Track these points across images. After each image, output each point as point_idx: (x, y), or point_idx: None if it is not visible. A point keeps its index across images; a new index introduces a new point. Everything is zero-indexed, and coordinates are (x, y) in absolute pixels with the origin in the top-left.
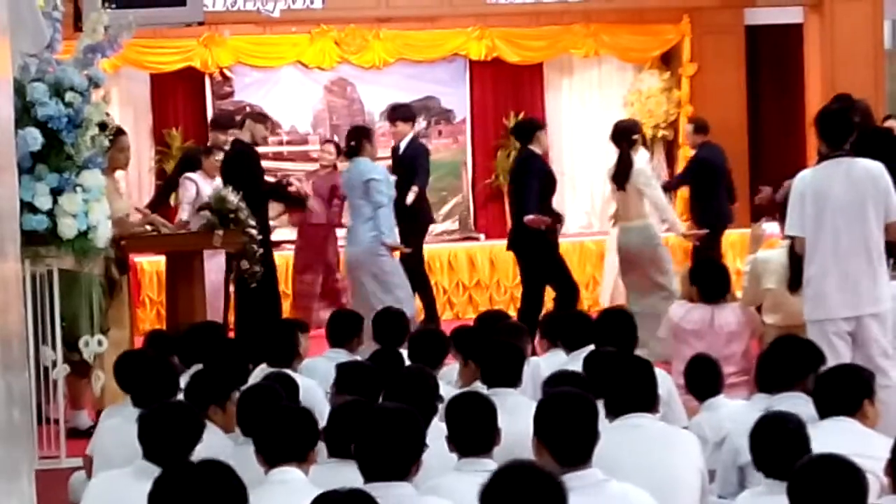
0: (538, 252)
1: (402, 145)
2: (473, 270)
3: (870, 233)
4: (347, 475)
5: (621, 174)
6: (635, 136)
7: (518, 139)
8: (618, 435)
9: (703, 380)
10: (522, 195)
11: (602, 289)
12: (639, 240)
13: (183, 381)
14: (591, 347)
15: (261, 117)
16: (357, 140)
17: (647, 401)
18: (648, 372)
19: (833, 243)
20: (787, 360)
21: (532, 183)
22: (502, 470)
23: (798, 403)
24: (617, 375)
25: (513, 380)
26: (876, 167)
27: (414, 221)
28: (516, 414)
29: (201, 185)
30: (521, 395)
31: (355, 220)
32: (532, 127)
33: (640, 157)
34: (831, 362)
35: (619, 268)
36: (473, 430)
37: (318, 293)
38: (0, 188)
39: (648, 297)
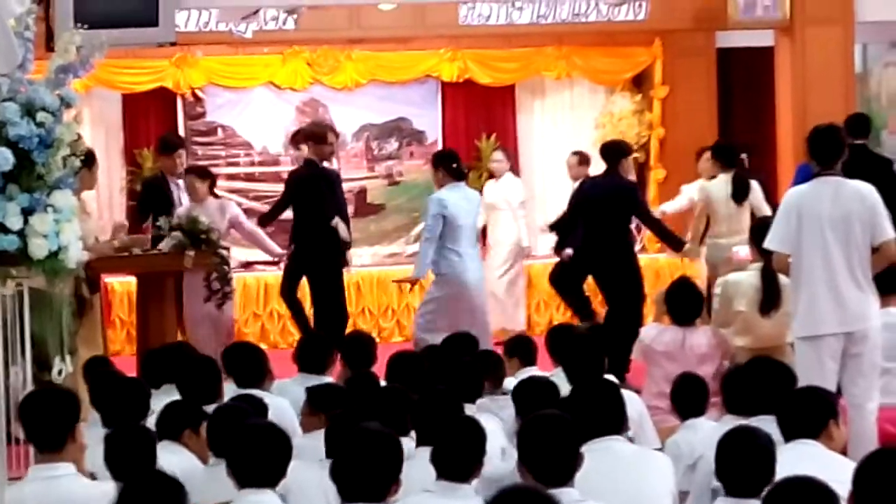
0: (622, 273)
1: None
2: None
3: (858, 250)
4: None
5: (742, 191)
6: (743, 155)
7: (605, 160)
8: (590, 459)
9: (689, 398)
10: (627, 227)
11: None
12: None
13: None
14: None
15: (320, 137)
16: (462, 163)
17: (615, 423)
18: (615, 394)
19: (823, 261)
20: (760, 382)
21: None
22: (502, 493)
23: (773, 427)
24: (584, 399)
25: (473, 399)
26: (865, 187)
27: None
28: None
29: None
30: (487, 415)
31: (473, 243)
32: (621, 151)
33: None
34: (818, 381)
35: None
36: (461, 454)
37: None
38: None
39: None
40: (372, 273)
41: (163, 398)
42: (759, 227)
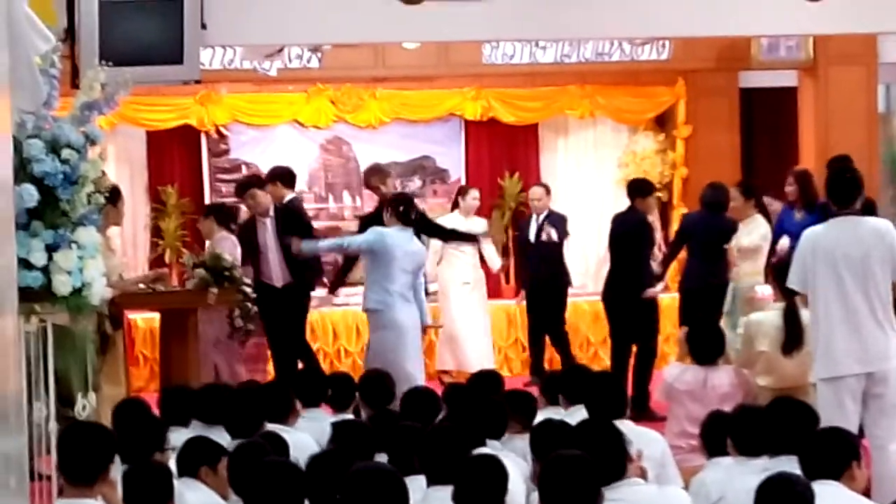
0: (636, 309)
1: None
2: None
3: (877, 289)
4: None
5: None
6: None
7: (630, 196)
8: None
9: (718, 436)
10: (639, 262)
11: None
12: None
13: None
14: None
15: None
16: (413, 210)
17: (616, 470)
18: (615, 438)
19: (840, 300)
20: (782, 422)
21: (648, 253)
22: None
23: (795, 467)
24: (585, 441)
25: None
26: (884, 224)
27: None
28: None
29: None
30: (508, 453)
31: (408, 288)
32: (639, 189)
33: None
34: (839, 422)
35: None
36: (482, 493)
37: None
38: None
39: None
40: None
41: (186, 435)
42: (782, 267)
